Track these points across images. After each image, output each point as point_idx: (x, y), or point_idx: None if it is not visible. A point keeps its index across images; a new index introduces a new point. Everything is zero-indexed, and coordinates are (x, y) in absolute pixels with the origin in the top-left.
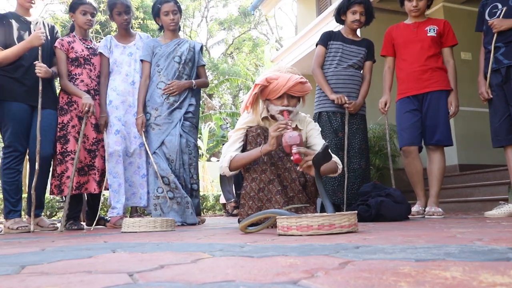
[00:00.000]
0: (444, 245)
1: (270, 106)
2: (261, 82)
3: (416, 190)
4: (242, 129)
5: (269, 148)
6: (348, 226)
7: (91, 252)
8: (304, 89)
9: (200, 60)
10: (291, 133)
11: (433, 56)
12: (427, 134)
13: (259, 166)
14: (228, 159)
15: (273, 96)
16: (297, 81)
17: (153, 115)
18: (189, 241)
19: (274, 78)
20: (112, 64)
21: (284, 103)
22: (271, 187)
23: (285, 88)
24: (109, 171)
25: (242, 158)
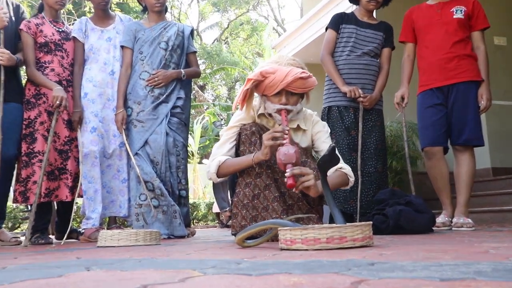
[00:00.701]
0: (475, 262)
1: (267, 103)
2: (254, 77)
3: (442, 198)
4: (234, 128)
5: (261, 157)
6: (362, 239)
7: (62, 270)
8: (306, 85)
9: (190, 46)
10: (286, 148)
11: (460, 42)
12: (454, 133)
13: (253, 170)
14: (216, 164)
15: (269, 92)
16: (297, 76)
17: (135, 110)
18: (177, 256)
19: (270, 72)
20: (87, 50)
21: (282, 101)
22: (267, 193)
23: (283, 84)
24: (84, 175)
25: (232, 165)
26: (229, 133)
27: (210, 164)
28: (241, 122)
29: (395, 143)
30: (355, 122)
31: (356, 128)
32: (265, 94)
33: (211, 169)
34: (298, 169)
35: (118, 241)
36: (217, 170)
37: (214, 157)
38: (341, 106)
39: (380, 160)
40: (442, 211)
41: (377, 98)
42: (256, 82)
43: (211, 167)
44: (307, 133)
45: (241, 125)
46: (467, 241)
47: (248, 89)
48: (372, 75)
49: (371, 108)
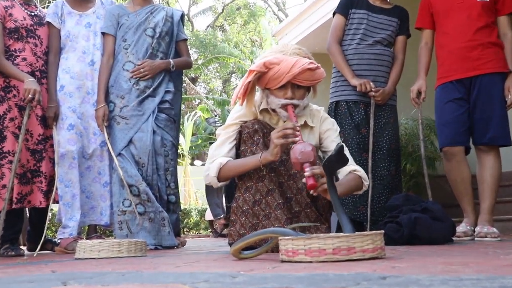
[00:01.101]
0: (500, 277)
1: (270, 98)
2: (257, 68)
3: (463, 204)
4: (234, 125)
5: (270, 158)
6: (373, 250)
7: (35, 285)
8: (314, 77)
9: (180, 33)
10: (302, 146)
11: (484, 28)
12: (477, 131)
13: (255, 172)
14: (216, 166)
15: (273, 86)
16: (304, 67)
17: (118, 105)
18: (165, 269)
19: (275, 63)
20: (64, 37)
21: (288, 95)
22: (269, 200)
23: (289, 76)
24: (60, 179)
25: (235, 166)
26: (228, 132)
27: (210, 167)
28: (241, 119)
29: (410, 143)
30: (365, 119)
31: (367, 125)
32: (269, 88)
33: (211, 172)
34: (319, 169)
35: (99, 253)
36: (218, 173)
37: (212, 159)
38: (350, 101)
39: (393, 161)
40: (463, 219)
41: (391, 92)
42: (259, 74)
43: (210, 170)
44: (315, 130)
45: (242, 123)
46: (491, 252)
47: (250, 82)
48: (385, 66)
49: (383, 103)
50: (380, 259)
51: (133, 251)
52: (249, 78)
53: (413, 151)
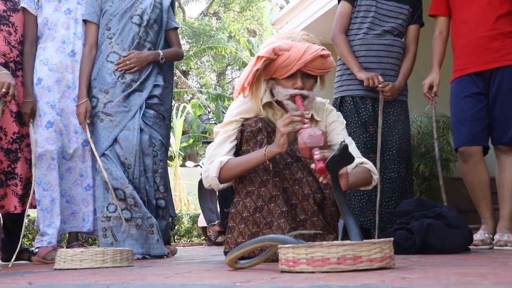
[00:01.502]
0: None
1: (277, 89)
2: (266, 54)
3: (480, 210)
4: (234, 123)
5: (277, 149)
6: (381, 259)
7: None
8: (325, 65)
9: (171, 21)
10: (311, 130)
11: (506, 16)
12: (497, 129)
13: (257, 176)
14: (217, 166)
15: (281, 75)
16: (317, 53)
17: (102, 100)
18: (154, 280)
19: (285, 49)
20: (41, 25)
21: (298, 85)
22: (272, 207)
23: (300, 64)
24: (38, 181)
25: (238, 164)
26: (228, 130)
27: (209, 167)
28: (242, 115)
29: (423, 142)
30: (373, 116)
31: (375, 123)
32: (275, 77)
33: (211, 172)
34: (329, 153)
35: (81, 263)
36: (220, 173)
37: (211, 158)
38: (357, 96)
39: (404, 162)
40: (480, 225)
41: (401, 87)
42: (268, 61)
43: (210, 171)
44: (320, 125)
45: (243, 120)
46: (511, 263)
47: (258, 70)
48: (395, 58)
49: (393, 99)
50: (389, 270)
51: (118, 261)
52: (257, 65)
53: (426, 151)
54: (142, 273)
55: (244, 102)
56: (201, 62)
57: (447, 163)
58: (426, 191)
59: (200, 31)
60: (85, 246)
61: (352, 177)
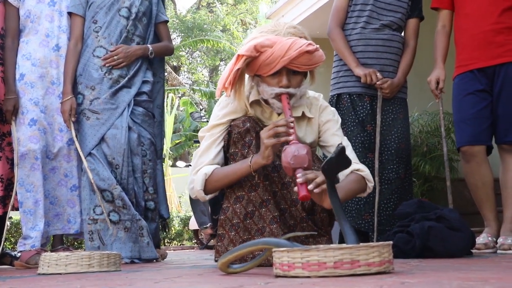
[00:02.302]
0: None
1: (262, 87)
2: (246, 53)
3: (484, 212)
4: (220, 126)
5: (262, 161)
6: (379, 263)
7: None
8: (313, 61)
9: (160, 14)
10: (294, 148)
11: (511, 9)
12: (501, 128)
13: (247, 180)
14: (201, 178)
15: (266, 72)
16: (302, 49)
17: (88, 97)
18: (142, 285)
19: (267, 45)
20: (24, 18)
21: (283, 83)
22: (264, 212)
23: (285, 61)
24: (20, 182)
25: (223, 176)
26: (214, 133)
27: (194, 179)
28: (229, 117)
29: (424, 142)
30: (371, 115)
31: (373, 122)
32: (260, 75)
33: (196, 185)
34: (313, 174)
35: (66, 267)
36: (204, 185)
37: (196, 168)
38: (354, 93)
39: (403, 163)
40: (484, 228)
41: (401, 84)
42: (249, 60)
43: (195, 183)
44: (313, 122)
45: (230, 121)
46: None
47: (239, 69)
48: (394, 53)
49: (392, 96)
50: (388, 274)
51: (105, 265)
52: (238, 64)
53: (428, 151)
54: (130, 278)
55: (229, 102)
56: (193, 58)
57: (451, 163)
58: (428, 192)
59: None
60: (71, 249)
61: (342, 191)
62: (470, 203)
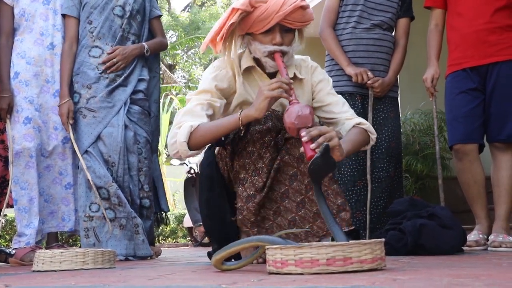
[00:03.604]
0: None
1: (254, 45)
2: (242, 7)
3: (475, 209)
4: (209, 93)
5: (254, 114)
6: (372, 260)
7: None
8: (305, 18)
9: (154, 9)
10: (298, 108)
11: (504, 9)
12: (493, 126)
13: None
14: (186, 130)
15: (258, 29)
16: (297, 4)
17: (85, 95)
18: (136, 282)
19: (262, 1)
20: (18, 16)
21: (277, 40)
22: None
23: (279, 16)
24: (15, 180)
25: (210, 128)
26: (201, 99)
27: (177, 132)
28: (217, 83)
29: (417, 140)
30: (362, 113)
31: None
32: (252, 33)
33: (180, 137)
34: (316, 130)
35: (60, 264)
36: (189, 138)
37: (180, 123)
38: (345, 92)
39: (393, 161)
40: (475, 226)
41: (391, 83)
42: (244, 14)
43: (178, 136)
44: (305, 83)
45: (218, 91)
46: (506, 264)
47: (233, 23)
48: (384, 52)
49: (383, 95)
50: (380, 271)
51: (100, 262)
52: (233, 18)
53: (420, 150)
54: (124, 275)
55: (218, 69)
56: (188, 56)
57: (443, 161)
58: (420, 190)
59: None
60: (65, 247)
61: (349, 144)
62: (462, 201)
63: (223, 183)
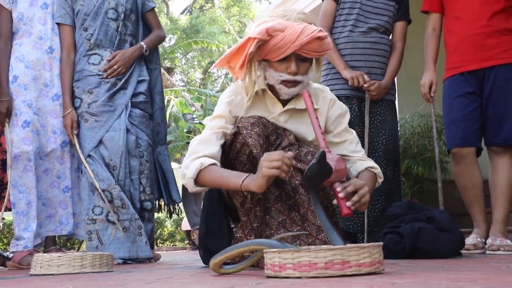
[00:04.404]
0: None
1: (269, 71)
2: (259, 36)
3: (473, 213)
4: (221, 118)
5: (253, 189)
6: (370, 264)
7: None
8: (322, 48)
9: (146, 2)
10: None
11: (501, 12)
12: (490, 130)
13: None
14: (196, 167)
15: (275, 57)
16: (314, 35)
17: (86, 100)
18: (134, 286)
19: (279, 30)
20: (17, 20)
21: (291, 69)
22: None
23: (295, 46)
24: (13, 183)
25: (216, 177)
26: (215, 126)
27: (189, 165)
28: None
29: (415, 144)
30: (360, 117)
31: (361, 124)
32: (267, 59)
33: (189, 172)
34: (352, 186)
35: (58, 268)
36: (197, 175)
37: (193, 155)
38: (342, 96)
39: (391, 164)
40: (473, 229)
41: (388, 86)
42: (260, 43)
43: (189, 170)
44: (320, 113)
45: (233, 118)
46: (504, 267)
47: (251, 53)
48: (381, 56)
49: (380, 98)
50: (378, 275)
51: (97, 266)
52: (251, 47)
53: (418, 153)
54: (122, 279)
55: (234, 93)
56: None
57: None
58: (418, 193)
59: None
60: (63, 250)
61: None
62: (460, 204)
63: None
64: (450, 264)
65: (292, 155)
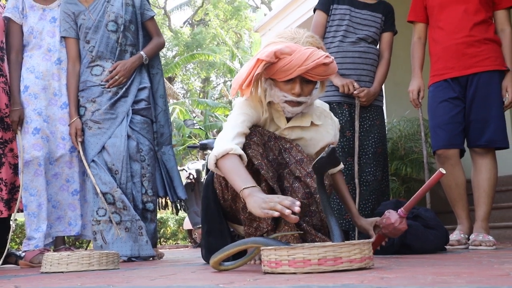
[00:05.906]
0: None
1: (274, 90)
2: (267, 58)
3: (457, 211)
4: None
5: (248, 205)
6: (360, 260)
7: None
8: (327, 72)
9: (145, 11)
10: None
11: (482, 23)
12: (473, 132)
13: None
14: (223, 149)
15: (280, 78)
16: (320, 61)
17: (90, 109)
18: (139, 283)
19: (287, 53)
20: (27, 34)
21: (296, 91)
22: None
23: (301, 70)
24: (25, 187)
25: (230, 168)
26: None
27: (220, 144)
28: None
29: (403, 146)
30: (350, 121)
31: (351, 128)
32: (273, 78)
33: (217, 150)
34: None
35: (67, 266)
36: (219, 158)
37: (233, 130)
38: (334, 102)
39: (380, 166)
40: (456, 226)
41: (376, 93)
42: (268, 64)
43: (219, 148)
44: (321, 130)
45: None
46: (486, 262)
47: (258, 74)
48: (370, 64)
49: (368, 104)
50: (368, 270)
51: (104, 264)
52: (258, 69)
53: (405, 155)
54: (127, 276)
55: (249, 105)
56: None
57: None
58: (405, 193)
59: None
60: (72, 249)
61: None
62: (444, 202)
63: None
64: (436, 259)
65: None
